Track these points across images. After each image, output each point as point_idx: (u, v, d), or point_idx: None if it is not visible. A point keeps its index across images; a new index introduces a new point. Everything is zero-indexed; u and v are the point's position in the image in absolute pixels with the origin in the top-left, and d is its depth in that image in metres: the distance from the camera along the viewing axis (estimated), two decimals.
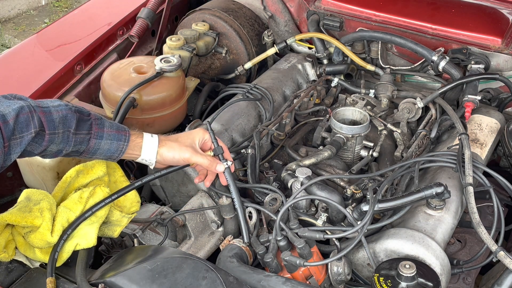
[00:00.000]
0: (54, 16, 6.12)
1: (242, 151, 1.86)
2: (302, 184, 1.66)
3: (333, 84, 2.28)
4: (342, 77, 2.30)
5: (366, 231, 1.52)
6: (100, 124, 1.53)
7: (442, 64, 2.10)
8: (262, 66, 2.56)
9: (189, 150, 1.57)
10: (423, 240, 1.49)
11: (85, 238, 1.54)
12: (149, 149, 1.58)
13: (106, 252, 1.75)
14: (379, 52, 2.30)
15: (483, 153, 1.85)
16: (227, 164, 1.54)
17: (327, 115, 2.07)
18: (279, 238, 1.53)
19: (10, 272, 1.50)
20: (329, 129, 1.98)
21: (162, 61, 2.07)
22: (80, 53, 2.28)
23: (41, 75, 2.15)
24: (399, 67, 2.30)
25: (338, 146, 1.86)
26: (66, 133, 1.47)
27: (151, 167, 1.62)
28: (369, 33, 2.26)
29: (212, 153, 1.56)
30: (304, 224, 1.63)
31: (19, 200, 1.59)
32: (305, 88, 2.23)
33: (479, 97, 1.98)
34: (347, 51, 2.28)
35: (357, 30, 2.33)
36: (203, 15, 2.49)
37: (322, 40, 2.36)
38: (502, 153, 2.02)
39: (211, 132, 1.56)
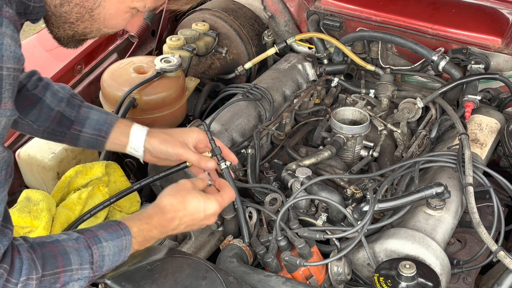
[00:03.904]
0: None
1: (242, 151, 1.86)
2: (302, 184, 1.66)
3: (333, 84, 2.28)
4: (342, 77, 2.30)
5: (366, 231, 1.52)
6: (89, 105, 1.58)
7: (442, 64, 2.10)
8: (262, 66, 2.56)
9: (183, 145, 1.54)
10: (423, 240, 1.49)
11: None
12: (137, 136, 1.54)
13: None
14: (379, 52, 2.30)
15: (483, 153, 1.85)
16: (225, 164, 1.54)
17: (327, 115, 2.07)
18: (279, 238, 1.53)
19: None
20: (329, 129, 1.98)
21: (162, 61, 2.07)
22: (80, 53, 2.28)
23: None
24: (399, 67, 2.30)
25: (338, 146, 1.86)
26: (62, 88, 1.52)
27: (140, 159, 1.58)
28: (369, 33, 2.26)
29: (210, 154, 1.56)
30: (304, 224, 1.63)
31: (19, 200, 1.59)
32: (305, 88, 2.23)
33: (479, 97, 1.98)
34: (347, 51, 2.28)
35: (357, 30, 2.33)
36: (203, 15, 2.49)
37: (322, 40, 2.36)
38: (502, 153, 2.02)
39: (208, 133, 1.56)
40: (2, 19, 0.97)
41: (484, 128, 1.94)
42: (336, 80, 2.27)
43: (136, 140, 1.55)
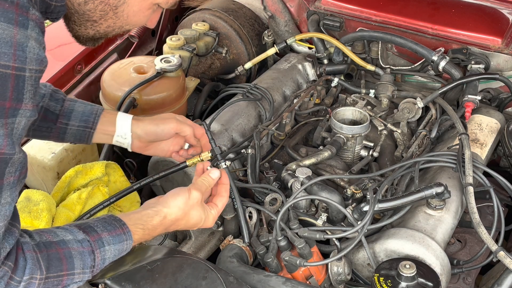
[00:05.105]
0: None
1: (242, 151, 1.86)
2: (302, 184, 1.66)
3: (333, 84, 2.28)
4: (342, 77, 2.30)
5: (366, 231, 1.52)
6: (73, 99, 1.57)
7: (442, 64, 2.10)
8: (262, 66, 2.56)
9: (172, 121, 1.54)
10: (423, 240, 1.49)
11: None
12: (124, 122, 1.54)
13: None
14: (379, 52, 2.30)
15: (483, 153, 1.85)
16: (226, 164, 1.54)
17: (327, 115, 2.07)
18: (279, 238, 1.53)
19: None
20: (329, 129, 1.98)
21: (162, 61, 2.07)
22: (80, 53, 2.28)
23: None
24: (399, 67, 2.30)
25: (338, 146, 1.86)
26: (43, 86, 1.49)
27: (128, 147, 1.58)
28: (369, 33, 2.26)
29: (210, 154, 1.56)
30: (304, 224, 1.63)
31: (19, 200, 1.59)
32: (305, 88, 2.23)
33: (479, 97, 1.98)
34: (347, 51, 2.28)
35: (357, 30, 2.32)
36: (203, 15, 2.49)
37: (322, 40, 2.36)
38: (502, 153, 2.02)
39: (209, 133, 1.56)
40: (28, 22, 0.99)
41: (484, 128, 1.94)
42: (336, 80, 2.27)
43: (123, 126, 1.54)
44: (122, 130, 1.55)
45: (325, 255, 1.59)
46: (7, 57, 0.96)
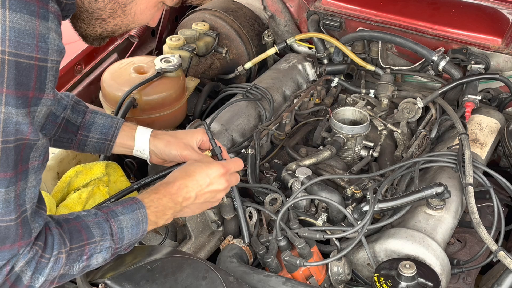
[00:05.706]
0: None
1: (242, 151, 1.86)
2: (302, 184, 1.66)
3: (333, 84, 2.28)
4: (342, 77, 2.30)
5: (366, 231, 1.52)
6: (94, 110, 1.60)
7: (442, 64, 2.10)
8: (262, 66, 2.56)
9: (188, 147, 1.56)
10: (423, 240, 1.49)
11: None
12: (142, 139, 1.57)
13: None
14: (379, 52, 2.30)
15: (483, 153, 1.85)
16: None
17: (327, 115, 2.07)
18: (279, 238, 1.53)
19: None
20: (329, 129, 1.98)
21: (162, 61, 2.07)
22: (80, 53, 2.29)
23: None
24: (399, 67, 2.30)
25: (338, 146, 1.86)
26: (66, 96, 1.54)
27: (147, 160, 1.60)
28: (369, 33, 2.26)
29: (210, 153, 1.56)
30: (304, 224, 1.63)
31: None
32: (305, 88, 2.23)
33: (479, 97, 1.98)
34: (347, 51, 2.28)
35: (357, 30, 2.33)
36: (203, 15, 2.49)
37: (322, 40, 2.36)
38: (502, 153, 2.02)
39: (209, 132, 1.56)
40: (49, 14, 1.02)
41: (484, 128, 1.94)
42: (336, 80, 2.27)
43: (141, 143, 1.57)
44: (141, 146, 1.57)
45: (325, 255, 1.59)
46: (31, 48, 0.99)
